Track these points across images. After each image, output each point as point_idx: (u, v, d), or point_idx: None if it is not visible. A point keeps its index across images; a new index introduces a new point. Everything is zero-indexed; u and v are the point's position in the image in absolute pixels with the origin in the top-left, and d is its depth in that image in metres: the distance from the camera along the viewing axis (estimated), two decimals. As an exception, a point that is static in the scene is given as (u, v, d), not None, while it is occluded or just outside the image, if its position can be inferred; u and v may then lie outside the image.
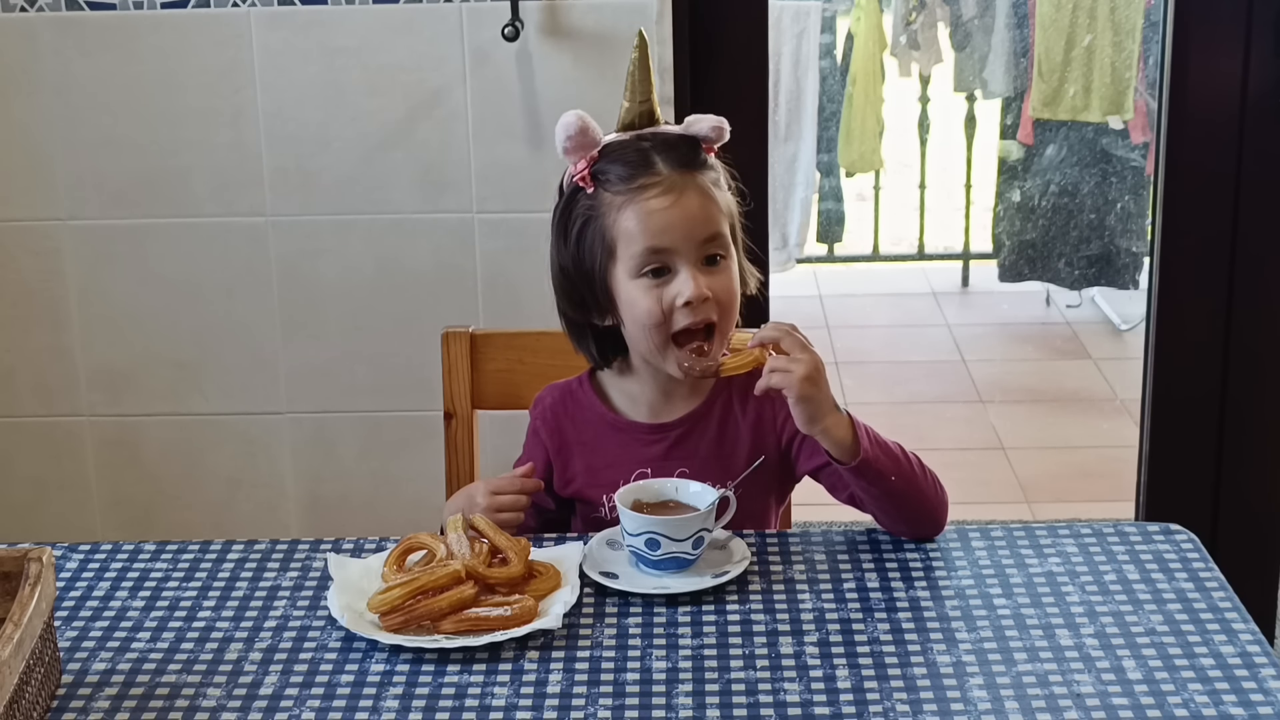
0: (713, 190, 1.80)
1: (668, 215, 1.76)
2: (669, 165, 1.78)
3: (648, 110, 1.82)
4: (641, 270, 1.78)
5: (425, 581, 1.59)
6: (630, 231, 1.77)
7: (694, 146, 1.81)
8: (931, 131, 5.56)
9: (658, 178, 1.77)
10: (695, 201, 1.77)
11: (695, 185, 1.78)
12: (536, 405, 1.94)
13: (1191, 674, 1.50)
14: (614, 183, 1.78)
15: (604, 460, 1.86)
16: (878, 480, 1.73)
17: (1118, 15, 4.76)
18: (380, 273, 2.76)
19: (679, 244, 1.76)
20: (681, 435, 1.86)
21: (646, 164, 1.78)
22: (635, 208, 1.77)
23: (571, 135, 1.78)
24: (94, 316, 2.80)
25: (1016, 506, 3.98)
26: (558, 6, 2.62)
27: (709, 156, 1.82)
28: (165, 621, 1.64)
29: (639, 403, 1.88)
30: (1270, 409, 2.89)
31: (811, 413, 1.70)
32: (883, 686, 1.49)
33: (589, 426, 1.89)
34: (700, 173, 1.80)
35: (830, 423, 1.70)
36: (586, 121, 1.79)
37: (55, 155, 2.72)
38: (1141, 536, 1.76)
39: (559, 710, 1.47)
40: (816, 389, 1.69)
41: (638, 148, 1.79)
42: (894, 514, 1.77)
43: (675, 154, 1.79)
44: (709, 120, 1.81)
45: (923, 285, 5.61)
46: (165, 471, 2.87)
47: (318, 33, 2.65)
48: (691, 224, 1.77)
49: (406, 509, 2.80)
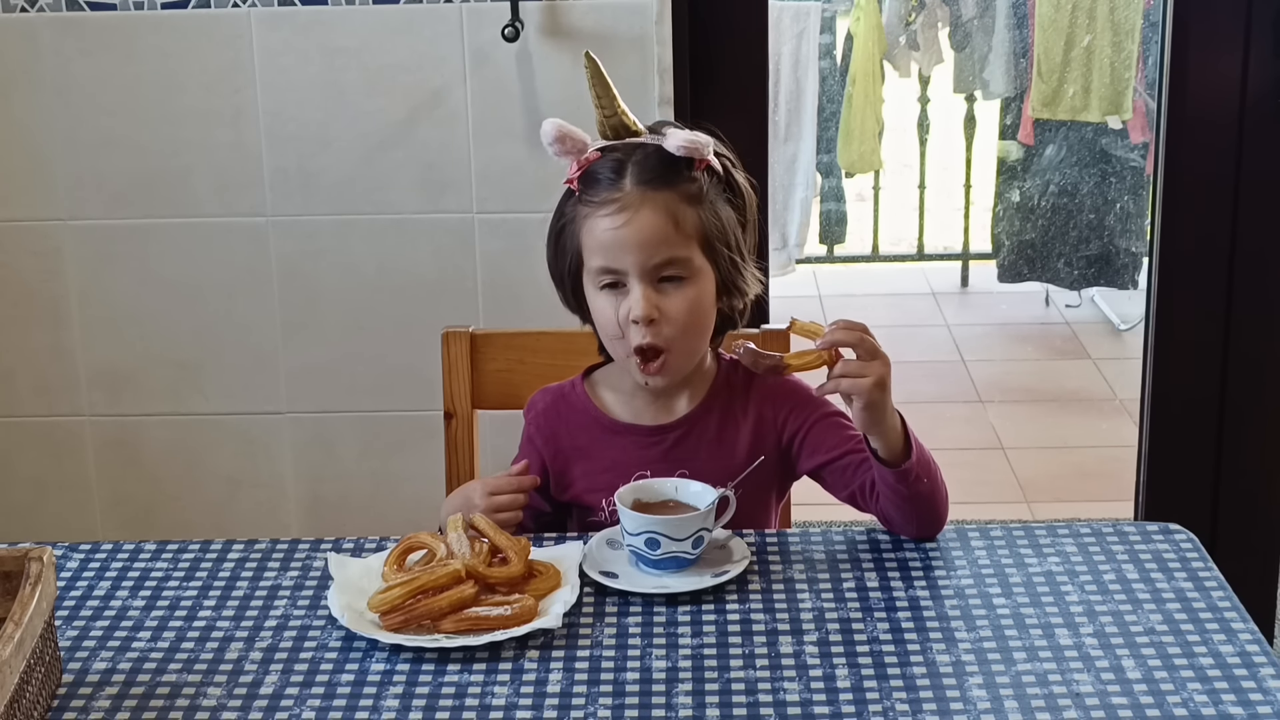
0: (681, 210, 1.75)
1: (618, 235, 1.75)
2: (635, 181, 1.75)
3: (617, 122, 1.79)
4: (600, 283, 1.78)
5: (425, 581, 1.60)
6: (590, 245, 1.78)
7: (668, 162, 1.76)
8: (931, 132, 5.56)
9: (618, 195, 1.75)
10: (649, 222, 1.74)
11: (657, 204, 1.75)
12: (529, 410, 1.93)
13: (1191, 674, 1.50)
14: (586, 193, 1.78)
15: (601, 465, 1.86)
16: (914, 483, 1.72)
17: (1117, 15, 4.76)
18: (380, 273, 2.76)
19: (629, 264, 1.75)
20: (680, 437, 1.85)
21: (616, 178, 1.76)
22: (593, 222, 1.77)
23: (550, 143, 1.78)
24: (94, 316, 2.80)
25: (1016, 506, 3.98)
26: (558, 6, 2.62)
27: (696, 171, 1.77)
28: (165, 621, 1.64)
29: (635, 405, 1.87)
30: (1270, 409, 2.89)
31: (876, 417, 1.69)
32: (882, 686, 1.49)
33: (584, 431, 1.88)
34: (666, 190, 1.75)
35: (889, 425, 1.71)
36: (563, 129, 1.77)
37: (55, 155, 2.72)
38: (1141, 536, 1.76)
39: (559, 710, 1.47)
40: (884, 394, 1.68)
41: (617, 159, 1.78)
42: (911, 515, 1.75)
43: (644, 169, 1.76)
44: (680, 136, 1.77)
45: (922, 285, 5.61)
46: (165, 471, 2.87)
47: (318, 33, 2.65)
48: (642, 246, 1.74)
49: (406, 509, 2.80)
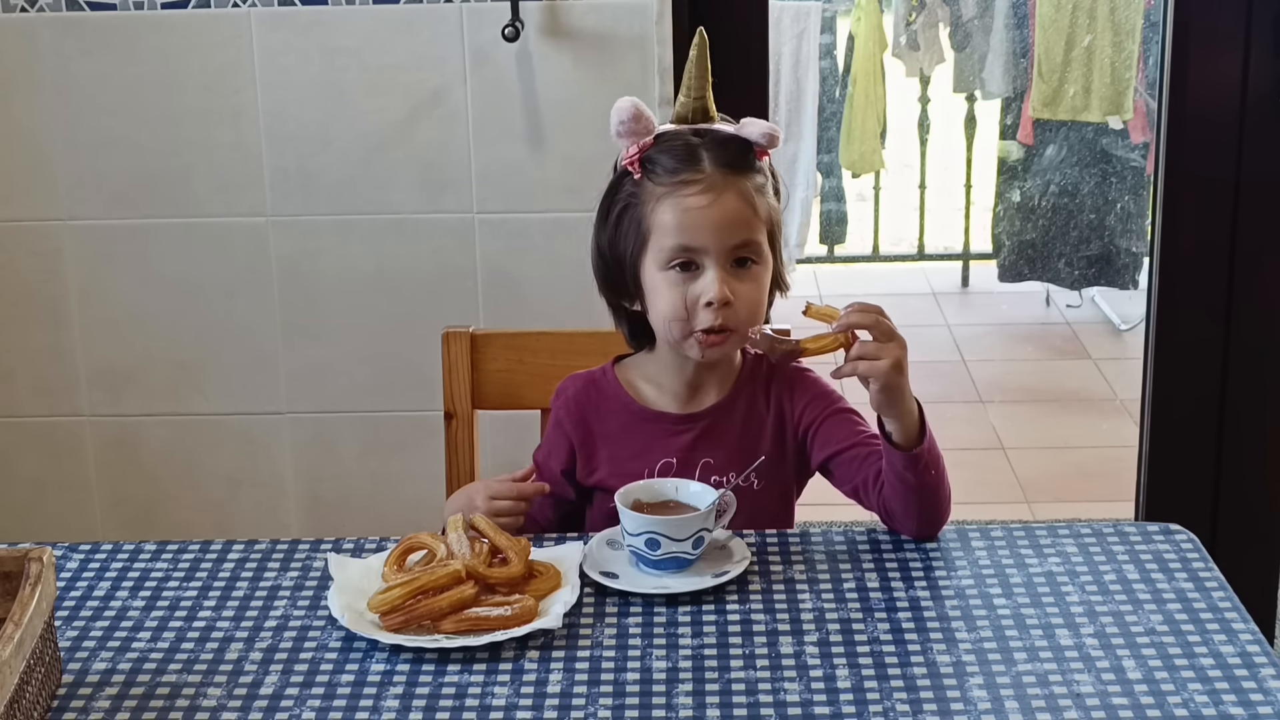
0: (754, 196, 1.80)
1: (703, 214, 1.76)
2: (715, 164, 1.78)
3: (701, 106, 1.82)
4: (669, 263, 1.78)
5: (425, 581, 1.59)
6: (665, 224, 1.78)
7: (744, 148, 1.81)
8: (931, 132, 5.56)
9: (701, 175, 1.77)
10: (733, 204, 1.77)
11: (737, 188, 1.78)
12: (559, 396, 1.93)
13: (1191, 674, 1.50)
14: (659, 174, 1.79)
15: (629, 451, 1.86)
16: (923, 472, 1.73)
17: (1117, 15, 4.76)
18: (380, 273, 2.76)
19: (710, 244, 1.77)
20: (709, 426, 1.86)
21: (693, 160, 1.78)
22: (673, 201, 1.77)
23: (625, 120, 1.79)
24: (94, 316, 2.80)
25: (1016, 506, 3.98)
26: (558, 6, 2.62)
27: (759, 161, 1.82)
28: (165, 621, 1.64)
29: (666, 392, 1.88)
30: (1270, 409, 2.89)
31: (893, 399, 1.70)
32: (883, 686, 1.49)
33: (614, 417, 1.88)
34: (745, 176, 1.79)
35: (905, 408, 1.71)
36: (640, 108, 1.79)
37: (55, 155, 2.72)
38: (1141, 536, 1.76)
39: (559, 710, 1.47)
40: (901, 376, 1.70)
41: (688, 142, 1.80)
42: (914, 508, 1.75)
43: (723, 153, 1.79)
44: (762, 125, 1.81)
45: (923, 285, 5.61)
46: (165, 471, 2.87)
47: (318, 33, 2.65)
48: (726, 226, 1.77)
49: (406, 509, 2.80)
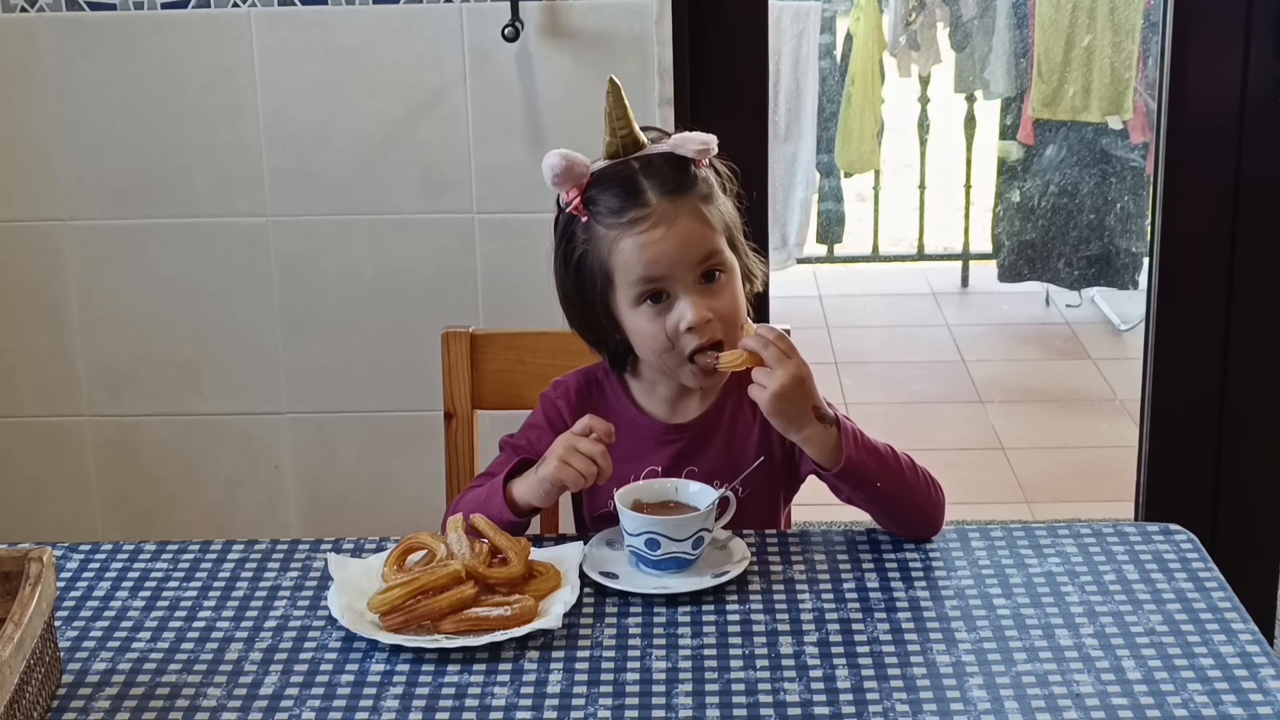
0: (705, 209, 1.78)
1: (661, 247, 1.75)
2: (658, 192, 1.76)
3: (630, 139, 1.79)
4: (640, 300, 1.77)
5: (425, 581, 1.60)
6: (627, 264, 1.76)
7: (682, 167, 1.78)
8: (931, 132, 5.56)
9: (648, 209, 1.75)
10: (687, 226, 1.75)
11: (687, 209, 1.76)
12: (557, 387, 1.92)
13: (1191, 674, 1.50)
14: (605, 215, 1.77)
15: (620, 454, 1.84)
16: (862, 485, 1.74)
17: (1117, 15, 4.76)
18: (380, 273, 2.76)
19: (675, 271, 1.76)
20: (696, 436, 1.86)
21: (636, 193, 1.76)
22: (629, 241, 1.76)
23: (557, 173, 1.77)
24: (94, 316, 2.80)
25: (1016, 506, 3.98)
26: (558, 6, 2.62)
27: (699, 170, 1.79)
28: (165, 621, 1.64)
29: (657, 399, 1.88)
30: (1270, 409, 2.89)
31: (785, 425, 1.72)
32: (883, 686, 1.49)
33: (612, 418, 1.85)
34: (691, 194, 1.77)
35: (809, 433, 1.71)
36: (570, 159, 1.77)
37: (55, 155, 2.72)
38: (1141, 537, 1.76)
39: (559, 710, 1.47)
40: (789, 404, 1.69)
41: (625, 174, 1.77)
42: (884, 516, 1.78)
43: (664, 179, 1.76)
44: (695, 142, 1.78)
45: (922, 285, 5.61)
46: (165, 471, 2.87)
47: (318, 33, 2.65)
48: (685, 249, 1.75)
49: (406, 509, 2.80)
